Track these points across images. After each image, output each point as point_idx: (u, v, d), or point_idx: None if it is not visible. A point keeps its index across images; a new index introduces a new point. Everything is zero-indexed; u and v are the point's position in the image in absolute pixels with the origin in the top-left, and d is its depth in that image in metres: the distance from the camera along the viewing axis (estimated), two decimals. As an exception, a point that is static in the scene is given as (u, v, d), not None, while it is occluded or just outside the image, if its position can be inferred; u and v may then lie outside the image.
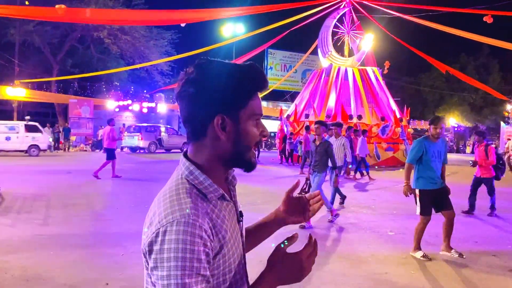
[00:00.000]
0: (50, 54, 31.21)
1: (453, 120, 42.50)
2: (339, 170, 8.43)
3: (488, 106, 41.83)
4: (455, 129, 43.98)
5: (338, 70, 21.68)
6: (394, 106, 21.32)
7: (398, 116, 20.34)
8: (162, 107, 32.24)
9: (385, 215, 7.81)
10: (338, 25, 23.23)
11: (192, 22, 21.11)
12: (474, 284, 4.41)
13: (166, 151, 26.09)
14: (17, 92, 26.16)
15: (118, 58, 34.08)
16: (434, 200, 5.14)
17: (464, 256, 5.09)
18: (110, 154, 12.17)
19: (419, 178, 5.16)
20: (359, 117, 19.26)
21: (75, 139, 28.42)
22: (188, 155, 1.05)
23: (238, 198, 1.15)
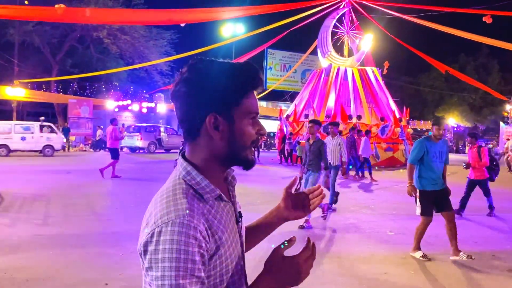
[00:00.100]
0: (50, 54, 31.21)
1: (452, 120, 42.53)
2: (336, 170, 8.33)
3: (487, 106, 41.86)
4: (455, 129, 44.03)
5: (338, 70, 21.69)
6: (394, 106, 21.32)
7: (397, 116, 20.32)
8: (162, 107, 32.26)
9: (384, 215, 7.81)
10: (338, 25, 23.22)
11: (191, 23, 21.10)
12: (474, 284, 4.42)
13: (165, 151, 26.09)
14: (16, 92, 26.15)
15: (118, 58, 34.07)
16: (435, 201, 5.11)
17: (473, 257, 4.94)
18: (114, 153, 12.26)
19: (420, 178, 5.13)
20: (359, 117, 19.26)
21: (75, 139, 28.43)
22: (185, 156, 1.05)
23: (238, 198, 1.14)
